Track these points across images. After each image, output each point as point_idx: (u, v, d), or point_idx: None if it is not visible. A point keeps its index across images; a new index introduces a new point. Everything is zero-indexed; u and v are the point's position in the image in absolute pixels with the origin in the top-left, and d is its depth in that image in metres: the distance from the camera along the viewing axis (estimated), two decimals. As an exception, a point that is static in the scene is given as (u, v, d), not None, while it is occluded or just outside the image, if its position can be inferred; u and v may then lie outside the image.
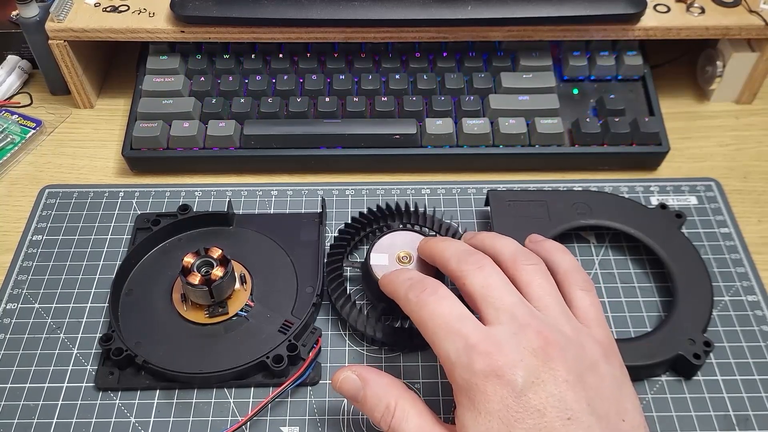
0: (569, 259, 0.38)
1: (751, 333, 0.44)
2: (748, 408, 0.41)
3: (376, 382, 0.34)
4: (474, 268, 0.35)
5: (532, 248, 0.39)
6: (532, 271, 0.36)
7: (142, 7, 0.54)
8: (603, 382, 0.32)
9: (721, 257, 0.48)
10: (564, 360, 0.31)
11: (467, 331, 0.32)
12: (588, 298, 0.36)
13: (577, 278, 0.37)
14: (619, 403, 0.32)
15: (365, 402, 0.34)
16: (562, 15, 0.52)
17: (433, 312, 0.33)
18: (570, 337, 0.33)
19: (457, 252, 0.37)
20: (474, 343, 0.31)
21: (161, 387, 0.41)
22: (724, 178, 0.53)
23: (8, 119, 0.57)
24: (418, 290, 0.35)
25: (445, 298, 0.34)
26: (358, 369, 0.35)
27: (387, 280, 0.39)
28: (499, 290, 0.34)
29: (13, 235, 0.50)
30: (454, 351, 0.32)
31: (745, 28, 0.53)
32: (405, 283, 0.36)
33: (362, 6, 0.52)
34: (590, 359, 0.32)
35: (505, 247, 0.37)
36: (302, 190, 0.52)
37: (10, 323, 0.45)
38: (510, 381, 0.30)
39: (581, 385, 0.31)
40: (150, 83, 0.55)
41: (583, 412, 0.30)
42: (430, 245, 0.40)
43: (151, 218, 0.48)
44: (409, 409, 0.33)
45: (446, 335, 0.32)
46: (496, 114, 0.53)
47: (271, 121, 0.53)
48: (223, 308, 0.43)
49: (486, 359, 0.31)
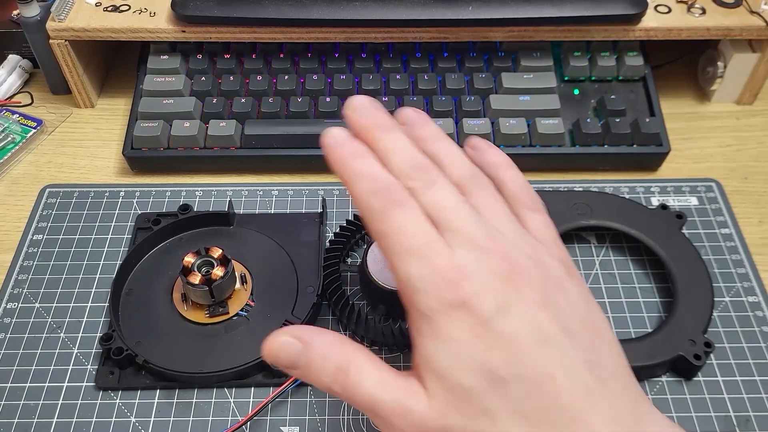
0: (515, 177, 0.35)
1: (751, 334, 0.44)
2: (749, 409, 0.41)
3: (319, 342, 0.30)
4: (425, 186, 0.30)
5: (475, 158, 0.35)
6: (482, 194, 0.32)
7: (142, 6, 0.54)
8: (569, 300, 0.30)
9: (721, 258, 0.48)
10: (531, 282, 0.29)
11: (433, 254, 0.29)
12: (540, 218, 0.34)
13: (525, 198, 0.34)
14: (588, 320, 0.30)
15: (310, 366, 0.30)
16: (563, 15, 0.52)
17: (399, 228, 0.29)
18: (533, 257, 0.31)
19: (404, 161, 0.31)
20: (439, 270, 0.28)
21: (161, 387, 0.41)
22: (725, 179, 0.53)
23: (9, 119, 0.57)
24: (383, 199, 0.30)
25: (412, 213, 0.30)
26: (295, 330, 0.30)
27: (338, 161, 0.31)
28: (456, 211, 0.30)
29: (13, 234, 0.50)
30: (417, 275, 0.28)
31: (746, 29, 0.53)
32: (365, 182, 0.30)
33: (363, 6, 0.52)
34: (555, 278, 0.31)
35: (451, 164, 0.32)
36: (303, 190, 0.52)
37: (11, 322, 0.45)
38: (478, 308, 0.28)
39: (551, 306, 0.29)
40: (151, 83, 0.55)
41: (556, 333, 0.28)
42: (369, 134, 0.31)
43: (151, 218, 0.48)
44: (365, 365, 0.29)
45: (410, 256, 0.29)
46: (497, 114, 0.53)
47: (271, 121, 0.53)
48: (224, 308, 0.43)
49: (452, 287, 0.28)
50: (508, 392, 0.27)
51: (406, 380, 0.29)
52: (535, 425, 0.27)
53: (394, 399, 0.28)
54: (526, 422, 0.27)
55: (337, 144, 0.31)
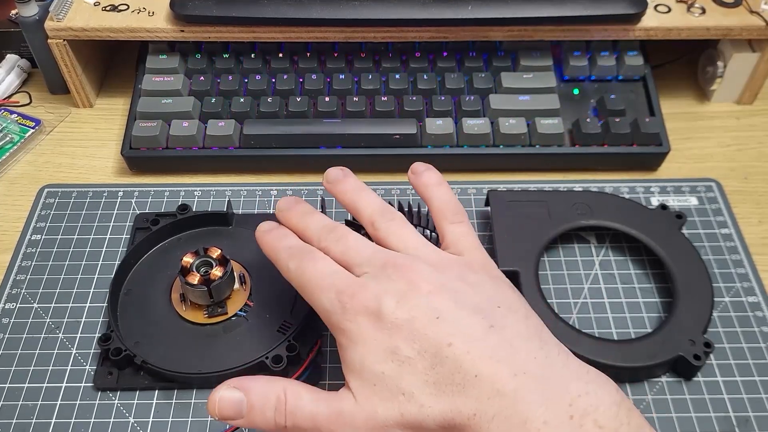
0: (441, 193, 0.39)
1: (751, 334, 0.44)
2: (749, 409, 0.41)
3: (256, 383, 0.33)
4: (334, 241, 0.36)
5: (412, 180, 0.40)
6: (389, 225, 0.37)
7: (141, 6, 0.54)
8: (472, 286, 0.33)
9: (721, 258, 0.48)
10: (425, 278, 0.33)
11: (337, 281, 0.34)
12: (458, 229, 0.37)
13: (447, 212, 0.38)
14: (491, 296, 0.33)
15: (253, 408, 0.32)
16: (563, 15, 0.51)
17: (311, 274, 0.35)
18: (432, 262, 0.34)
19: (317, 230, 0.37)
20: (342, 289, 0.33)
21: (160, 387, 0.41)
22: (725, 179, 0.53)
23: (7, 118, 0.57)
24: (297, 259, 0.36)
25: (320, 259, 0.35)
26: (231, 382, 0.33)
27: (266, 245, 0.38)
28: (357, 248, 0.35)
29: (11, 234, 0.50)
30: (327, 300, 0.33)
31: (746, 29, 0.53)
32: (285, 252, 0.37)
33: (362, 6, 0.52)
34: (456, 274, 0.34)
35: (365, 207, 0.38)
36: (302, 190, 0.52)
37: (9, 323, 0.44)
38: (376, 309, 0.32)
39: (445, 289, 0.32)
40: (149, 82, 0.54)
41: (452, 309, 0.32)
42: (292, 223, 0.39)
43: (150, 218, 0.48)
44: (299, 390, 0.33)
45: (320, 290, 0.34)
46: (497, 114, 0.53)
47: (270, 120, 0.53)
48: (222, 308, 0.43)
49: (354, 299, 0.33)
50: (415, 368, 0.31)
51: (335, 392, 0.33)
52: (445, 390, 0.30)
53: (328, 407, 0.32)
54: (438, 390, 0.30)
55: (264, 232, 0.39)
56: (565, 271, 0.47)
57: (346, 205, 0.39)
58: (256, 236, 0.39)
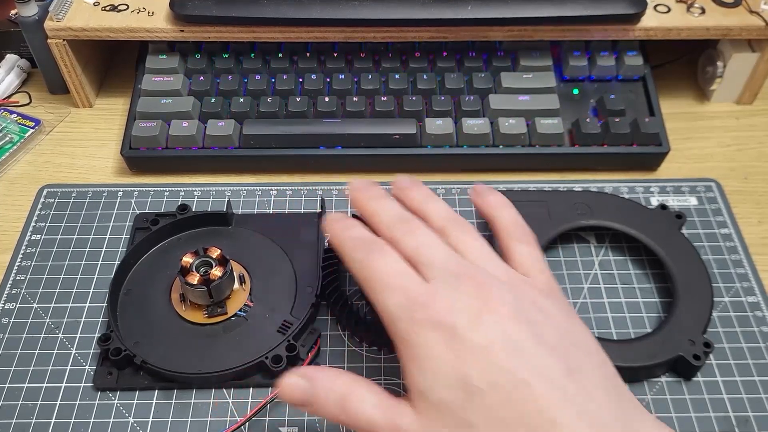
0: (509, 214, 0.38)
1: (750, 334, 0.44)
2: (748, 409, 0.41)
3: (322, 377, 0.33)
4: (405, 234, 0.35)
5: (475, 201, 0.40)
6: (460, 234, 0.36)
7: (141, 6, 0.54)
8: (547, 316, 0.32)
9: (721, 258, 0.48)
10: (502, 299, 0.31)
11: (407, 284, 0.32)
12: (526, 249, 0.36)
13: (514, 231, 0.37)
14: (568, 332, 0.32)
15: (317, 399, 0.32)
16: (563, 15, 0.51)
17: (376, 269, 0.33)
18: (505, 281, 0.33)
19: (389, 217, 0.36)
20: (413, 296, 0.32)
21: (160, 387, 0.41)
22: (725, 179, 0.53)
23: (7, 118, 0.57)
24: (364, 251, 0.34)
25: (388, 255, 0.34)
26: (300, 370, 0.34)
27: (333, 234, 0.37)
28: (430, 248, 0.34)
29: (11, 234, 0.50)
30: (393, 304, 0.32)
31: (746, 29, 0.53)
32: (351, 242, 0.35)
33: (362, 5, 0.52)
34: (529, 299, 0.33)
35: (435, 214, 0.37)
36: (301, 190, 0.52)
37: (9, 323, 0.44)
38: (450, 325, 0.30)
39: (524, 318, 0.31)
40: (149, 82, 0.54)
41: (529, 341, 0.30)
42: (362, 204, 0.37)
43: (149, 218, 0.48)
44: (363, 391, 0.32)
45: (387, 290, 0.32)
46: (496, 114, 0.53)
47: (270, 120, 0.53)
48: (222, 308, 0.43)
49: (425, 309, 0.31)
50: (485, 401, 0.29)
51: (398, 401, 0.31)
52: (515, 430, 0.28)
53: (387, 418, 0.31)
54: (506, 428, 0.28)
55: (332, 221, 0.37)
56: (565, 271, 0.47)
57: (416, 211, 0.37)
58: (324, 225, 0.38)
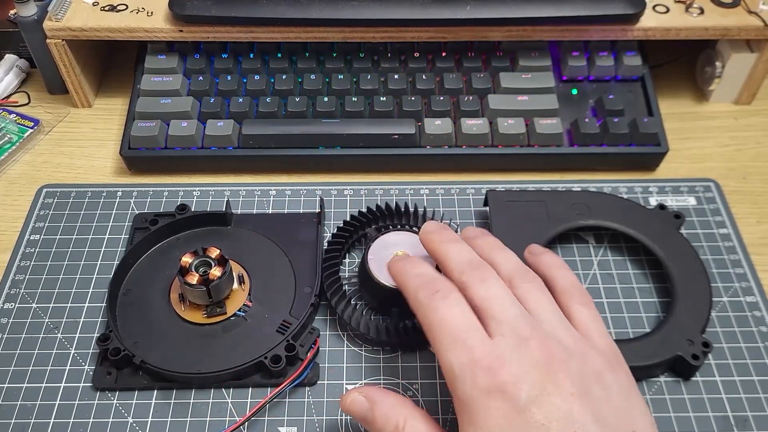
0: (568, 275, 0.38)
1: (749, 334, 0.44)
2: (747, 409, 0.41)
3: (383, 402, 0.34)
4: (477, 281, 0.35)
5: (531, 261, 0.39)
6: (529, 288, 0.35)
7: (140, 6, 0.54)
8: (609, 393, 0.32)
9: (719, 258, 0.48)
10: (567, 372, 0.31)
11: (472, 343, 0.32)
12: (587, 312, 0.36)
13: (575, 293, 0.37)
14: (627, 412, 0.32)
15: (374, 422, 0.34)
16: (562, 15, 0.52)
17: (442, 319, 0.33)
18: (572, 348, 0.33)
19: (461, 262, 0.36)
20: (478, 358, 0.31)
21: (159, 387, 0.41)
22: (723, 179, 0.53)
23: (6, 118, 0.57)
24: (429, 291, 0.34)
25: (455, 304, 0.34)
26: (365, 390, 0.35)
27: (397, 271, 0.38)
28: (501, 303, 0.34)
29: (10, 234, 0.50)
30: (458, 364, 0.32)
31: (744, 29, 0.53)
32: (416, 279, 0.36)
33: (361, 6, 0.52)
34: (594, 370, 0.32)
35: (504, 263, 0.37)
36: (300, 190, 0.52)
37: (8, 323, 0.44)
38: (513, 396, 0.30)
39: (586, 396, 0.31)
40: (148, 82, 0.54)
41: (589, 422, 0.30)
42: (434, 246, 0.38)
43: (149, 218, 0.48)
44: (418, 426, 0.32)
45: (451, 345, 0.32)
46: (495, 114, 0.53)
47: (269, 120, 0.53)
48: (221, 308, 0.43)
49: (489, 375, 0.31)
50: None
51: None
52: None
53: None
54: None
55: (398, 259, 0.39)
56: (564, 271, 0.47)
57: (485, 259, 0.37)
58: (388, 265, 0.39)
